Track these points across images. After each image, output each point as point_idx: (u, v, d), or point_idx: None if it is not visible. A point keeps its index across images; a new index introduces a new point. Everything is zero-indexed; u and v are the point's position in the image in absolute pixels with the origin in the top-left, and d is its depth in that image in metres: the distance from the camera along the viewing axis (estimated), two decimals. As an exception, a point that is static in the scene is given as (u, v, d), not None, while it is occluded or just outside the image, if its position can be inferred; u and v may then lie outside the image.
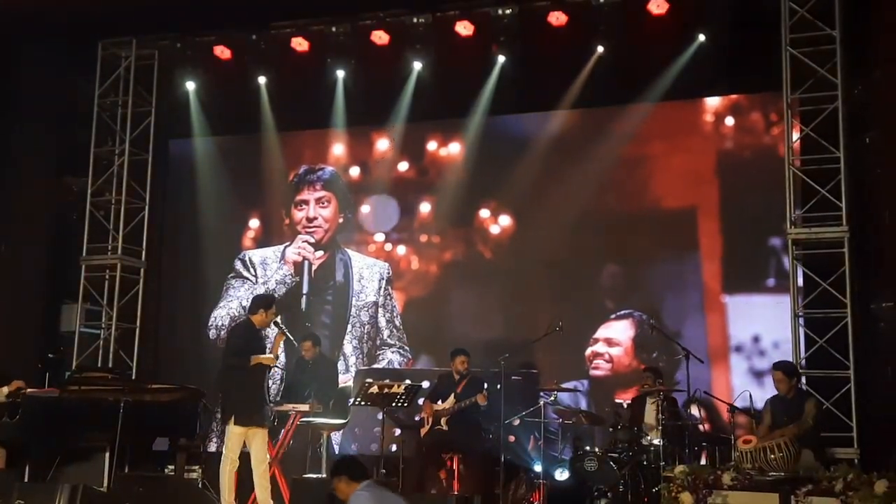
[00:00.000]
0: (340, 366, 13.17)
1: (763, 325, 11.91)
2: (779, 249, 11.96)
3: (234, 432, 9.63)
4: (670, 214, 12.58)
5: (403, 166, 13.85)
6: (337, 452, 12.27)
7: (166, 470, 11.28)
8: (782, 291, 11.73)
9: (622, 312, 12.53)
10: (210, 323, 14.04)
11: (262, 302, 10.13)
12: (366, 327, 13.48)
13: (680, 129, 12.77)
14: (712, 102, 12.60)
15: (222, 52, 13.91)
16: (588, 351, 12.48)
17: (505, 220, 13.24)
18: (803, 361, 11.08)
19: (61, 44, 13.53)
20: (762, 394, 10.48)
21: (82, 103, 14.26)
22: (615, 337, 12.47)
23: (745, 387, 10.98)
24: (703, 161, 12.56)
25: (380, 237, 13.77)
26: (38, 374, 12.53)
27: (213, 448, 12.32)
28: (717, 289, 12.26)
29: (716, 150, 12.55)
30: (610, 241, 12.83)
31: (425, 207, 13.64)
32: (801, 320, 11.39)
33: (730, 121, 12.48)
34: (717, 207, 12.40)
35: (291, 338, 10.35)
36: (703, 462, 10.11)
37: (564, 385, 11.62)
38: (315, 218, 13.94)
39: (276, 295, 13.23)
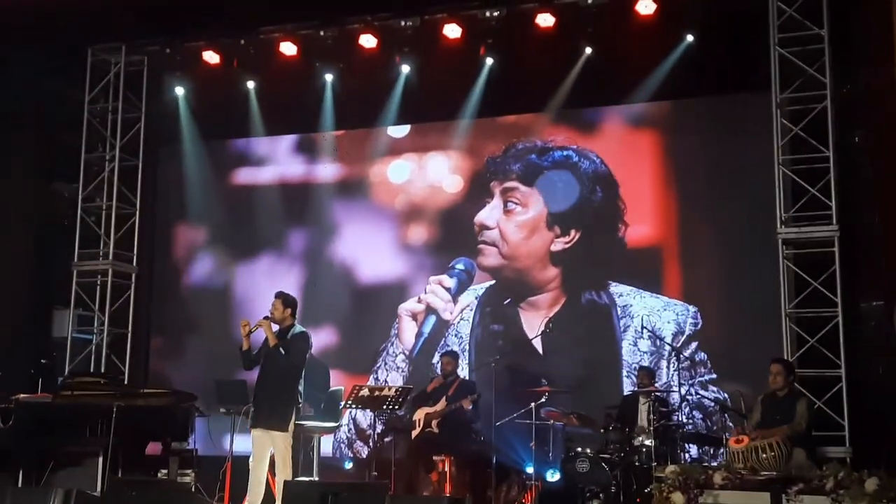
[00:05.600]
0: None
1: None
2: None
3: None
4: (636, 217, 12.77)
5: (398, 179, 13.93)
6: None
7: (160, 474, 11.28)
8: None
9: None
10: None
11: None
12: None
13: (643, 136, 12.98)
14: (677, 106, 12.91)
15: (211, 57, 13.88)
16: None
17: (493, 235, 13.26)
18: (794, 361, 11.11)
19: (50, 50, 13.49)
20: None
21: (72, 109, 14.23)
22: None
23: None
24: (668, 167, 12.76)
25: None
26: (31, 380, 12.50)
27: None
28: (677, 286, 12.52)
29: (675, 156, 12.78)
30: (583, 242, 12.99)
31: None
32: (792, 319, 11.43)
33: (696, 127, 12.77)
34: (676, 212, 12.66)
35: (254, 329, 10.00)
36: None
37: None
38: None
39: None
